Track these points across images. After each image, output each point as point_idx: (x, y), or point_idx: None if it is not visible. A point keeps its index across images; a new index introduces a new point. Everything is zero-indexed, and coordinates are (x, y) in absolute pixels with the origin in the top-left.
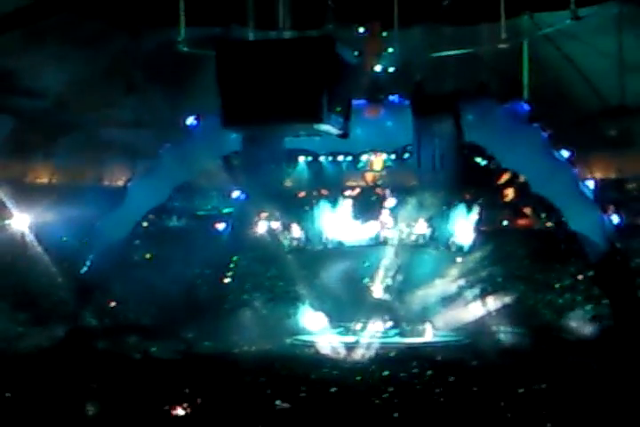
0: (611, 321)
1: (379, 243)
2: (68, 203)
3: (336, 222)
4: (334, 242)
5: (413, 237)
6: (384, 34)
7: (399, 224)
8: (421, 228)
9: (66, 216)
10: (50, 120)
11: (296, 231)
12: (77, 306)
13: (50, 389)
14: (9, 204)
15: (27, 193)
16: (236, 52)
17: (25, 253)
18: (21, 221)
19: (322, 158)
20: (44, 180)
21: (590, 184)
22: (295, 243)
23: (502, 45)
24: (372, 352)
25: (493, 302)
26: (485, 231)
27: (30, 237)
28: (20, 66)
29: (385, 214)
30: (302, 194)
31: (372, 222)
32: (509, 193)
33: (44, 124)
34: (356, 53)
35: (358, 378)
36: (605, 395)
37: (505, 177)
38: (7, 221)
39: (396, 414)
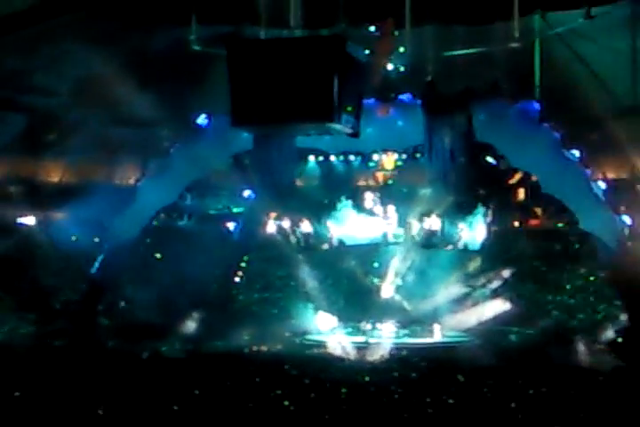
0: (623, 322)
1: (389, 242)
2: (78, 202)
3: (347, 220)
4: (344, 240)
5: (426, 235)
6: (396, 33)
7: (411, 221)
8: (434, 224)
9: (77, 215)
10: (62, 119)
11: (306, 228)
12: (88, 305)
13: (59, 387)
14: (20, 202)
15: (38, 192)
16: (247, 50)
17: (36, 252)
18: (32, 220)
19: (333, 158)
20: (56, 178)
21: (602, 184)
22: (305, 239)
23: (514, 45)
24: (381, 353)
25: (503, 303)
26: (496, 231)
27: (41, 236)
28: (32, 64)
29: (391, 211)
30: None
31: (381, 220)
32: (520, 193)
33: (56, 123)
34: (367, 52)
35: (368, 378)
36: (617, 397)
37: (516, 177)
38: (18, 220)
39: (406, 415)
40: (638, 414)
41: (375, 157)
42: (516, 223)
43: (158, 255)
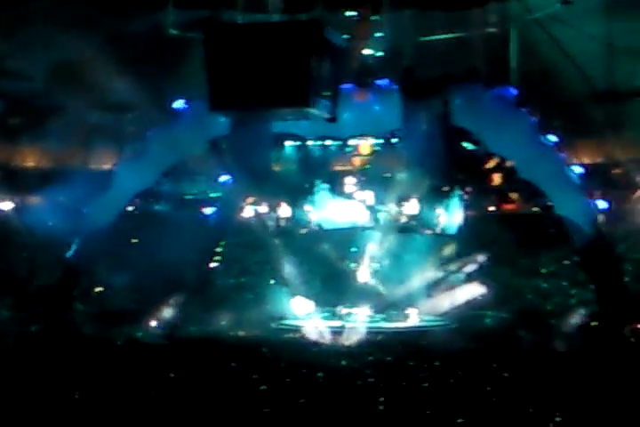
0: (596, 306)
1: (366, 226)
2: (55, 187)
3: (324, 205)
4: (321, 224)
5: (403, 219)
6: (374, 18)
7: (388, 205)
8: (411, 209)
9: (52, 200)
10: (37, 103)
11: (284, 212)
12: (63, 291)
13: (35, 372)
14: None
15: (13, 177)
16: (224, 34)
17: (11, 237)
18: (8, 206)
19: (310, 143)
20: (32, 163)
21: (577, 169)
22: (282, 223)
23: (491, 30)
24: (357, 337)
25: (479, 287)
26: (472, 216)
27: (17, 222)
28: (6, 49)
29: (369, 196)
30: None
31: (358, 204)
32: (496, 178)
33: (32, 108)
34: (345, 37)
35: (344, 363)
36: (589, 379)
37: (492, 162)
38: None
39: (382, 399)
40: (611, 396)
41: (352, 141)
42: (492, 208)
43: (135, 240)
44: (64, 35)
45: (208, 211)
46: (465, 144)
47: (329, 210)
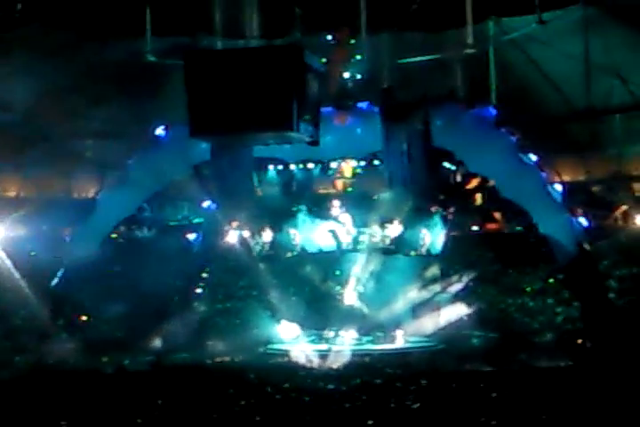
0: (581, 323)
1: (350, 249)
2: (37, 216)
3: (307, 229)
4: (305, 247)
5: (387, 241)
6: (352, 41)
7: (371, 227)
8: (395, 230)
9: (35, 229)
10: (18, 132)
11: (267, 237)
12: (48, 320)
13: (22, 404)
14: None
15: None
16: (203, 61)
17: None
18: None
19: (292, 166)
20: (13, 192)
21: (558, 187)
22: (266, 248)
23: (469, 51)
24: (345, 360)
25: (465, 307)
26: (455, 236)
27: None
28: None
29: (351, 219)
30: None
31: (342, 227)
32: (479, 197)
33: (12, 137)
34: (324, 61)
35: (332, 386)
36: (578, 397)
37: (474, 182)
38: None
39: (370, 422)
40: (598, 413)
41: (334, 164)
42: (475, 227)
43: (118, 268)
44: (44, 63)
45: (192, 237)
46: (446, 164)
47: (312, 233)
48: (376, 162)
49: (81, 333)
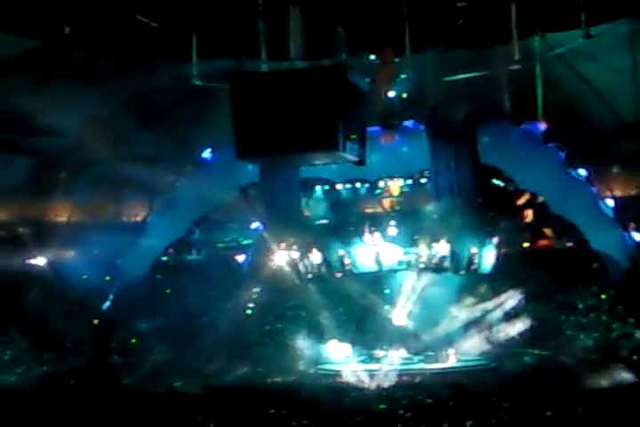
0: (638, 339)
1: (399, 268)
2: (87, 240)
3: (355, 249)
4: (354, 267)
5: (435, 260)
6: (396, 60)
7: (420, 246)
8: (443, 248)
9: (86, 253)
10: (68, 158)
11: (316, 258)
12: (100, 343)
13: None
14: (29, 243)
15: (47, 232)
16: (248, 83)
17: (47, 292)
18: (42, 261)
19: (339, 186)
20: (64, 218)
21: (610, 202)
22: (316, 270)
23: (515, 67)
24: (396, 380)
25: (517, 325)
26: (506, 253)
27: (51, 277)
28: (36, 106)
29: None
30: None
31: (390, 247)
32: (529, 214)
33: (63, 163)
34: (368, 80)
35: (383, 406)
36: (635, 415)
37: (523, 198)
38: (29, 260)
39: None
40: None
41: (381, 183)
42: (526, 244)
43: (169, 290)
44: (91, 90)
45: (240, 258)
46: (495, 181)
47: (361, 253)
48: (423, 180)
49: (132, 355)
